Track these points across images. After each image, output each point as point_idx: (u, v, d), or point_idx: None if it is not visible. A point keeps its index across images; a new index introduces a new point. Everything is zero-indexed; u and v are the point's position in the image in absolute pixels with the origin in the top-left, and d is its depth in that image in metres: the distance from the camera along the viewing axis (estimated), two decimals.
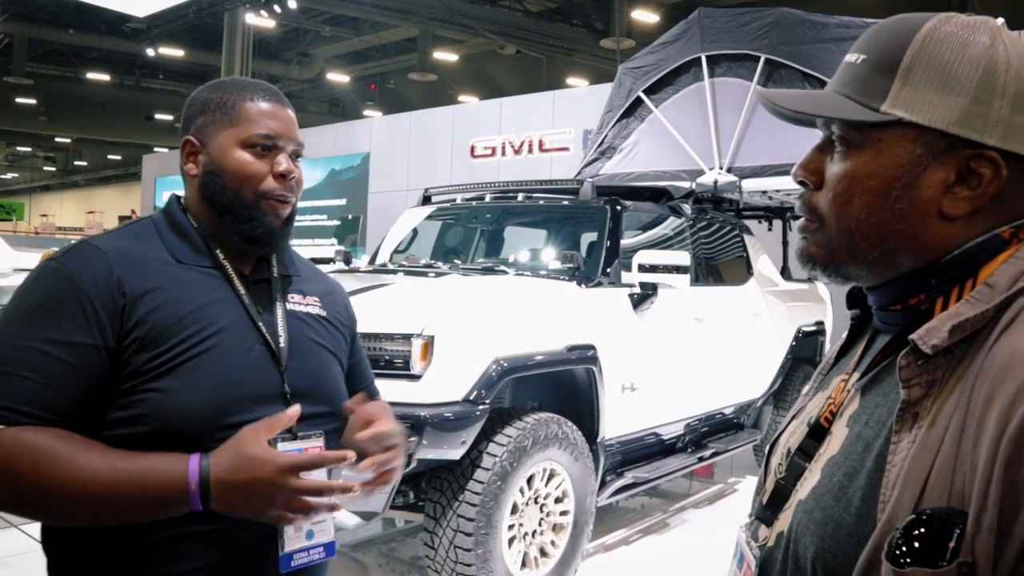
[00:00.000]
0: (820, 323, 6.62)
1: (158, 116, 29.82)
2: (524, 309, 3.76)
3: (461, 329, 3.38)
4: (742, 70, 5.66)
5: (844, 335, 0.97)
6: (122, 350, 1.22)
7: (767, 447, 0.99)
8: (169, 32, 20.73)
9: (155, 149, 28.81)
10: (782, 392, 6.03)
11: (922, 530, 0.66)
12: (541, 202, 5.06)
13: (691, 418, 5.02)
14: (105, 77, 26.67)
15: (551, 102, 13.48)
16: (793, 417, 0.98)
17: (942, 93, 0.77)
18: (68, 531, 1.25)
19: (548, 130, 13.20)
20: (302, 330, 1.41)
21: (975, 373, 0.70)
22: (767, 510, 0.90)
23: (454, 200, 5.39)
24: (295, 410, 1.23)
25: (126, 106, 29.04)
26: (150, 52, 21.38)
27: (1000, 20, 3.47)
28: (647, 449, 4.74)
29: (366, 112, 25.59)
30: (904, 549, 0.66)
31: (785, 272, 6.64)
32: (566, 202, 5.06)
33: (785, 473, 0.89)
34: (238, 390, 1.26)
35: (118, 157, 39.63)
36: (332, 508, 1.23)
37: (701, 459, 5.04)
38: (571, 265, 4.25)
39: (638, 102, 6.22)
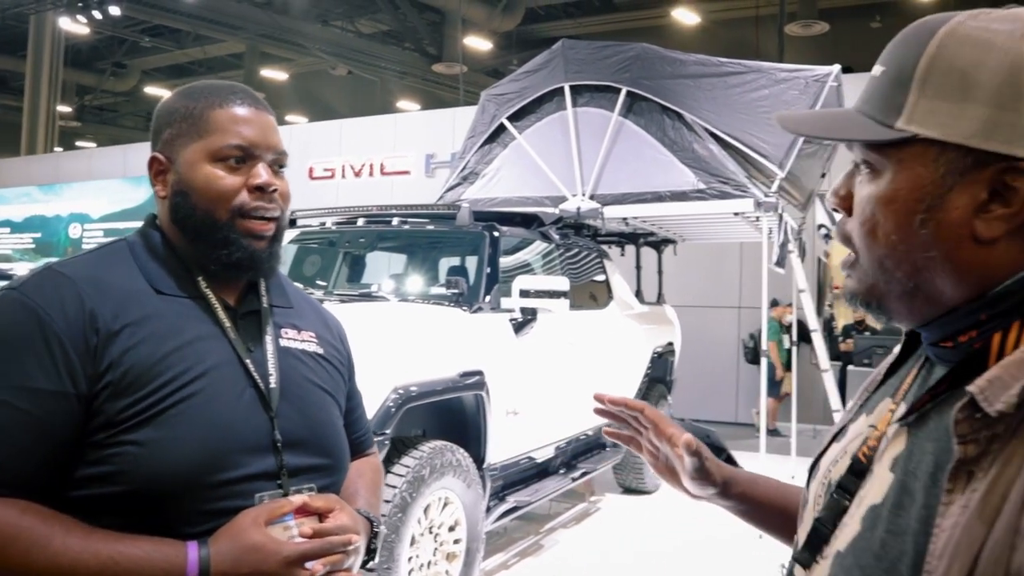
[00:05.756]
0: (671, 344, 6.94)
1: None
2: (420, 336, 3.70)
3: (361, 358, 3.27)
4: (604, 101, 5.87)
5: (896, 349, 0.87)
6: (94, 396, 1.05)
7: (808, 468, 0.90)
8: None
9: None
10: None
11: None
12: (406, 226, 5.01)
13: (564, 440, 5.10)
14: None
15: (393, 125, 13.42)
16: (835, 438, 0.88)
17: (961, 103, 0.68)
18: None
19: (389, 153, 13.10)
20: (297, 369, 1.25)
21: None
22: (805, 551, 0.81)
23: (323, 223, 5.23)
24: (299, 499, 1.12)
25: None
26: None
27: (836, 67, 3.79)
28: (524, 473, 4.77)
29: None
30: None
31: (639, 295, 6.91)
32: (430, 227, 5.05)
33: (824, 511, 0.81)
34: (227, 441, 1.11)
35: None
36: None
37: (574, 479, 5.13)
38: (456, 291, 4.22)
39: (501, 128, 6.30)
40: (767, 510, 1.07)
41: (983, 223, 0.68)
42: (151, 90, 23.82)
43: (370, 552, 1.25)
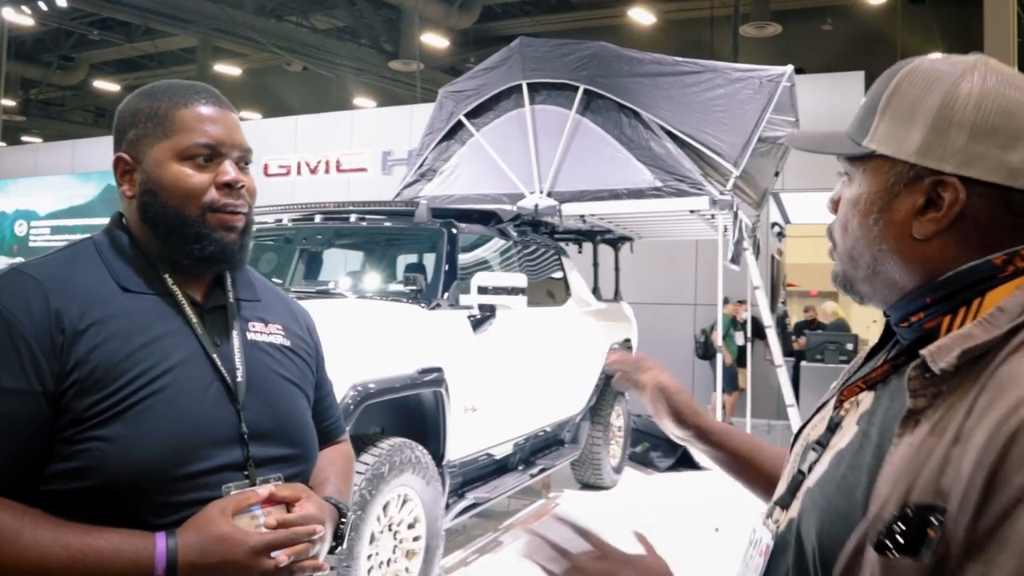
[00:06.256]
0: (628, 340, 7.00)
1: None
2: (378, 333, 3.69)
3: None
4: (561, 98, 5.90)
5: (877, 339, 1.01)
6: (62, 394, 1.08)
7: (793, 436, 1.05)
8: None
9: None
10: (598, 408, 6.29)
11: (904, 523, 0.72)
12: (364, 223, 4.98)
13: (522, 436, 5.12)
14: None
15: (349, 122, 13.33)
16: (818, 410, 1.02)
17: (908, 127, 0.84)
18: None
19: (345, 150, 13.02)
20: (264, 362, 1.28)
21: (978, 390, 0.75)
22: (785, 495, 0.96)
23: (279, 220, 5.17)
24: (266, 490, 1.15)
25: None
26: None
27: (790, 67, 3.92)
28: (483, 469, 4.78)
29: None
30: (889, 540, 0.73)
31: (596, 292, 6.96)
32: (388, 224, 5.04)
33: (802, 463, 0.95)
34: (194, 435, 1.14)
35: None
36: None
37: (532, 476, 5.15)
38: (414, 287, 4.21)
39: (459, 126, 6.30)
40: (739, 460, 1.25)
41: (918, 224, 0.84)
42: (100, 84, 23.28)
43: (338, 537, 1.29)
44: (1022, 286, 0.80)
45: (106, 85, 23.29)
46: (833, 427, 0.93)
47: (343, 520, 1.31)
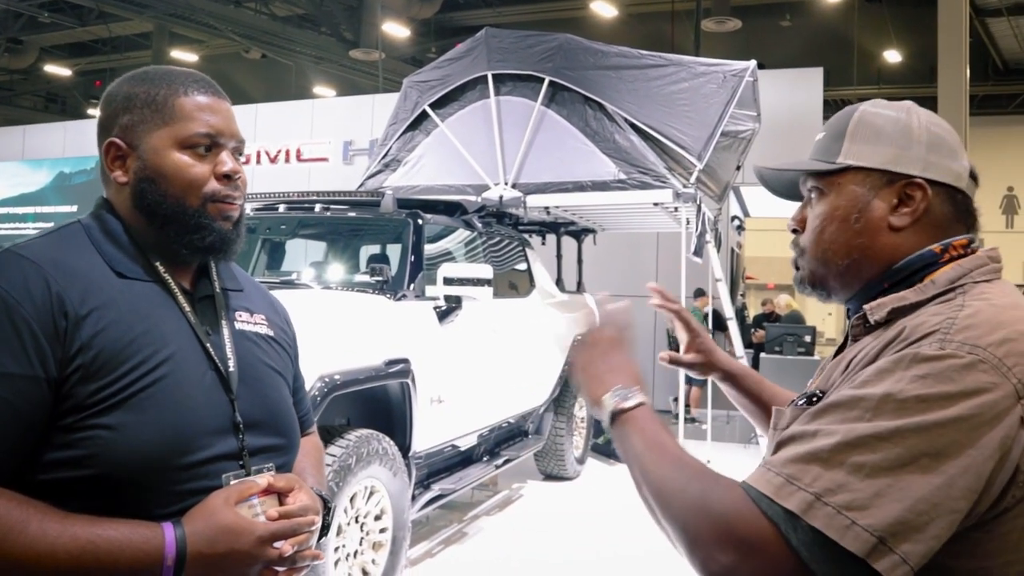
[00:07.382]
0: None
1: None
2: (344, 324, 3.66)
3: None
4: (527, 90, 5.90)
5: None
6: (64, 380, 1.06)
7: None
8: None
9: None
10: (561, 399, 6.32)
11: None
12: (328, 213, 4.94)
13: (487, 428, 5.12)
14: None
15: (310, 111, 13.19)
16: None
17: (876, 145, 1.08)
18: None
19: (306, 139, 12.88)
20: (252, 352, 1.29)
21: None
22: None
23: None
24: (264, 480, 1.16)
25: None
26: None
27: (753, 62, 4.04)
28: (449, 461, 4.78)
29: (91, 111, 23.44)
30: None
31: (559, 284, 6.97)
32: (352, 214, 5.00)
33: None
34: (193, 424, 1.14)
35: None
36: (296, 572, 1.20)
37: (497, 467, 5.16)
38: (380, 278, 4.18)
39: (424, 116, 6.26)
40: (748, 399, 1.54)
41: (896, 217, 1.07)
42: (51, 69, 22.70)
43: (324, 528, 1.30)
44: (955, 267, 1.03)
45: (57, 69, 22.73)
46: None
47: (328, 510, 1.32)
